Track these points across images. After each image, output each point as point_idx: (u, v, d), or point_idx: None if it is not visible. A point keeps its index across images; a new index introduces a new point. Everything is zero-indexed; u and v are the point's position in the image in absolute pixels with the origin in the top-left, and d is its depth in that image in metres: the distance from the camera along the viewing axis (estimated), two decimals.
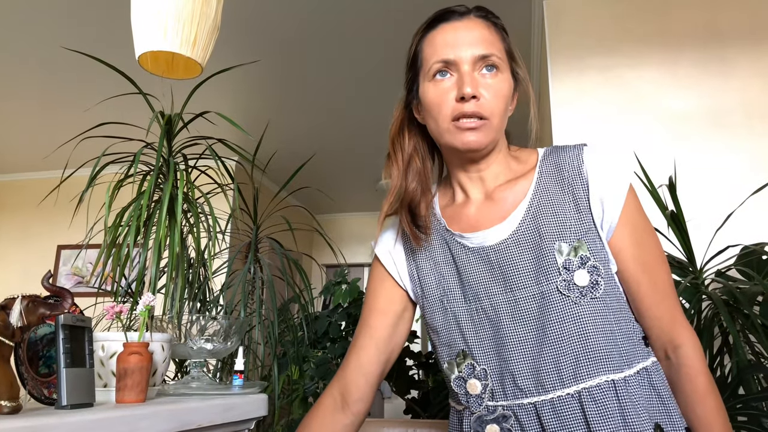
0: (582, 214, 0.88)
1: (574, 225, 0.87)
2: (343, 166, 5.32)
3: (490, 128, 0.89)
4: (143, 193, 1.71)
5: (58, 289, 1.02)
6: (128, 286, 1.98)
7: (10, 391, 0.89)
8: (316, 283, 3.01)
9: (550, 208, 0.89)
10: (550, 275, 0.85)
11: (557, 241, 0.86)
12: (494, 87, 0.88)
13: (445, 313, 0.94)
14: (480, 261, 0.91)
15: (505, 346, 0.86)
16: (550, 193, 0.90)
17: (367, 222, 6.90)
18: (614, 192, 0.88)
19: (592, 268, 0.85)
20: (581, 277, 0.84)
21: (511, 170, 0.96)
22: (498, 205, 0.93)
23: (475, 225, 0.94)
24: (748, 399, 1.44)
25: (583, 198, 0.88)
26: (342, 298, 2.82)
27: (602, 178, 0.88)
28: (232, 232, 2.31)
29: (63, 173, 1.81)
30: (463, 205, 0.97)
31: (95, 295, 1.94)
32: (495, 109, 0.88)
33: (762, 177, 2.13)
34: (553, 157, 0.93)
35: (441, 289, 0.95)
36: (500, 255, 0.89)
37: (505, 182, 0.95)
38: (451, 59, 0.88)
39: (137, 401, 1.08)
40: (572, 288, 0.84)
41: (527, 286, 0.87)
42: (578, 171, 0.89)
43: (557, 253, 0.86)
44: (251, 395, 1.44)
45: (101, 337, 1.17)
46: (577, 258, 0.85)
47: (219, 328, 1.45)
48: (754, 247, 1.76)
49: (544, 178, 0.92)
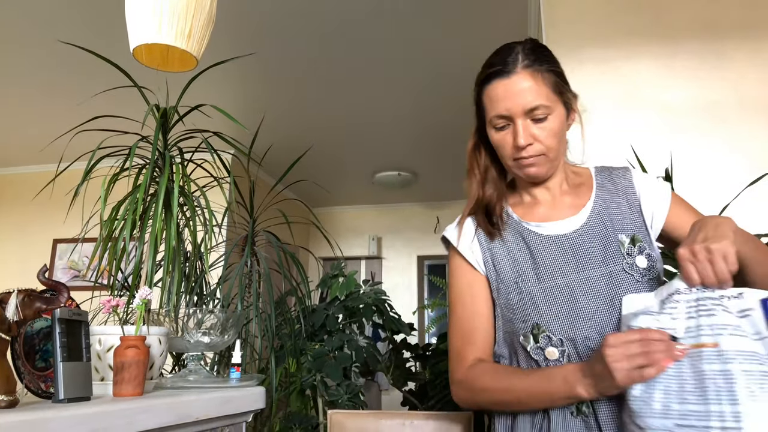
0: (634, 215, 1.10)
1: (629, 222, 1.09)
2: (339, 158, 5.31)
3: (547, 160, 1.08)
4: (139, 187, 1.70)
5: (54, 283, 1.02)
6: (125, 279, 1.97)
7: (7, 385, 0.89)
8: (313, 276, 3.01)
9: (610, 207, 1.11)
10: (616, 258, 1.05)
11: (618, 233, 1.07)
12: (546, 129, 1.05)
13: (520, 293, 1.08)
14: (554, 246, 1.09)
15: (579, 317, 1.02)
16: (610, 197, 1.12)
17: (363, 215, 6.90)
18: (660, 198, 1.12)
19: (648, 256, 1.06)
20: (641, 261, 1.05)
21: (571, 179, 1.17)
22: (566, 203, 1.13)
23: (548, 218, 1.13)
24: None
25: (635, 205, 1.11)
26: (339, 291, 2.82)
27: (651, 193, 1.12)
28: (229, 225, 2.31)
29: (58, 167, 1.81)
30: (532, 205, 1.16)
31: (92, 289, 1.94)
32: (550, 145, 1.06)
33: (757, 169, 2.13)
34: (606, 173, 1.16)
35: (516, 272, 1.10)
36: (573, 242, 1.08)
37: (568, 188, 1.15)
38: (506, 115, 1.05)
39: (134, 395, 1.08)
40: (635, 269, 1.04)
41: (595, 267, 1.05)
42: (630, 183, 1.13)
43: (620, 242, 1.06)
44: (249, 388, 1.44)
45: (98, 330, 1.17)
46: (636, 247, 1.06)
47: (216, 321, 1.45)
48: None
49: (603, 187, 1.14)
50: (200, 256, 1.90)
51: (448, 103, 4.03)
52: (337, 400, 2.42)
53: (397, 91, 3.91)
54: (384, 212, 6.84)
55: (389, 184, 5.77)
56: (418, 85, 3.83)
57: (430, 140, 4.76)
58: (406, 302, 6.36)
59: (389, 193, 6.26)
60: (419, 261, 6.62)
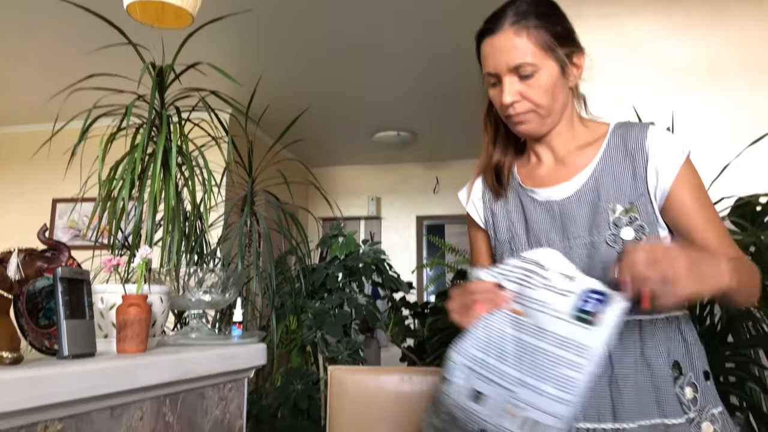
0: (638, 182, 1.02)
1: (630, 189, 1.02)
2: (338, 118, 5.26)
3: (538, 117, 1.04)
4: (137, 147, 1.69)
5: (54, 243, 1.02)
6: (125, 239, 1.98)
7: (11, 342, 0.90)
8: (313, 236, 3.03)
9: (612, 173, 1.04)
10: (601, 229, 1.01)
11: (612, 202, 1.02)
12: (533, 86, 1.02)
13: (512, 254, 1.09)
14: (545, 212, 1.08)
15: None
16: (614, 161, 1.05)
17: (363, 175, 6.88)
18: (669, 163, 1.01)
19: (639, 227, 1.00)
20: (627, 233, 0.99)
21: (580, 138, 1.10)
22: (567, 167, 1.09)
23: (545, 182, 1.10)
24: (737, 346, 1.47)
25: (641, 167, 1.02)
26: (339, 250, 2.84)
27: (660, 151, 1.02)
28: (228, 185, 2.31)
29: (54, 126, 1.79)
30: (536, 166, 1.14)
31: (92, 249, 1.94)
32: (539, 102, 1.03)
33: (760, 128, 2.12)
34: (621, 131, 1.07)
35: (510, 234, 1.12)
36: (563, 209, 1.06)
37: (575, 149, 1.09)
38: (493, 72, 1.04)
39: (138, 351, 1.10)
40: (618, 241, 0.99)
41: (581, 236, 1.03)
42: (641, 144, 1.04)
43: (610, 211, 1.01)
44: (250, 345, 1.46)
45: (100, 289, 1.18)
46: (626, 217, 1.01)
47: (217, 280, 1.46)
48: (748, 199, 1.77)
49: (611, 148, 1.06)
50: (200, 215, 1.90)
51: (448, 63, 3.97)
52: (337, 356, 2.47)
53: (397, 50, 3.85)
54: (383, 172, 6.82)
55: (388, 144, 5.73)
56: (418, 45, 3.77)
57: (429, 100, 4.71)
58: (405, 262, 6.40)
59: (388, 153, 6.23)
60: (418, 221, 6.63)
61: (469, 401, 0.88)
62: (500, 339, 0.89)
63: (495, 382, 0.87)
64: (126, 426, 1.04)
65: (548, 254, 0.95)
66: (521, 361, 0.86)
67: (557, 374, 0.84)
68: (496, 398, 0.86)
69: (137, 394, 1.06)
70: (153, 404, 1.12)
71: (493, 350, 0.89)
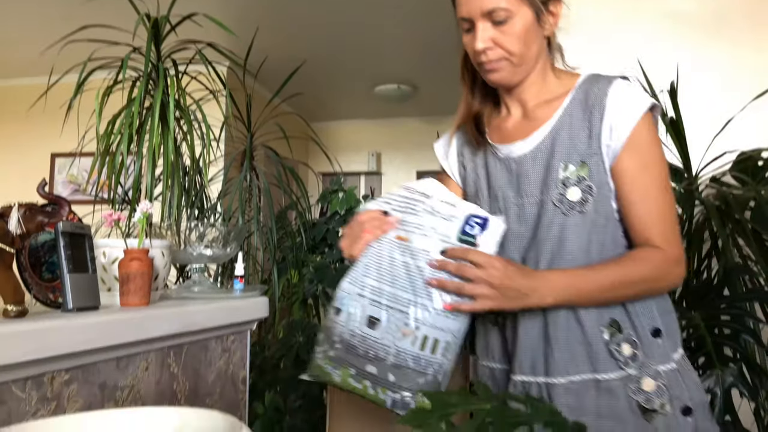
0: (592, 140, 0.98)
1: (583, 148, 0.99)
2: (338, 71, 5.18)
3: (510, 65, 1.01)
4: (134, 100, 1.67)
5: (54, 197, 1.02)
6: (125, 194, 1.98)
7: (15, 295, 0.91)
8: (313, 192, 3.03)
9: (569, 130, 1.00)
10: (551, 188, 0.99)
11: (564, 161, 0.99)
12: (507, 33, 0.98)
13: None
14: (503, 169, 1.06)
15: (507, 238, 1.01)
16: (573, 117, 1.01)
17: (364, 129, 6.82)
18: (624, 121, 0.96)
19: (587, 188, 0.98)
20: (573, 193, 0.98)
21: (550, 90, 1.06)
22: (530, 122, 1.06)
23: (507, 138, 1.07)
24: (733, 300, 1.49)
25: (597, 124, 0.98)
26: (339, 205, 2.84)
27: (618, 108, 0.97)
28: (227, 139, 2.29)
29: (49, 79, 1.76)
30: (504, 119, 1.10)
31: (92, 203, 1.95)
32: (512, 50, 0.99)
33: (764, 82, 2.08)
34: (587, 84, 1.02)
35: (475, 187, 1.12)
36: (519, 166, 1.04)
37: (543, 102, 1.05)
38: (466, 17, 1.01)
39: (141, 305, 1.11)
40: (564, 201, 0.98)
41: (532, 195, 1.01)
42: (602, 99, 0.99)
43: (561, 169, 0.99)
44: (253, 298, 1.48)
45: (102, 243, 1.19)
46: (575, 177, 0.98)
47: (218, 234, 1.47)
48: (750, 153, 1.75)
49: (573, 103, 1.02)
50: (199, 170, 1.89)
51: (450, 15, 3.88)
52: None
53: (399, 0, 3.76)
54: (383, 127, 6.76)
55: (389, 97, 5.66)
56: None
57: (431, 53, 4.62)
58: None
59: (389, 107, 6.16)
60: (418, 177, 6.60)
61: (365, 327, 0.91)
62: (390, 265, 0.92)
63: (389, 307, 0.90)
64: (132, 376, 1.07)
65: (430, 183, 0.99)
66: (413, 284, 0.90)
67: (448, 292, 0.90)
68: (393, 321, 0.89)
69: (142, 346, 1.08)
70: (158, 355, 1.15)
71: (385, 276, 0.92)
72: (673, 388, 0.95)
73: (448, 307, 0.89)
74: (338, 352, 0.93)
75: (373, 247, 0.94)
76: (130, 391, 1.06)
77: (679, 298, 1.64)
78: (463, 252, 0.90)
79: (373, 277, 0.93)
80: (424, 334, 0.89)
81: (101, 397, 0.98)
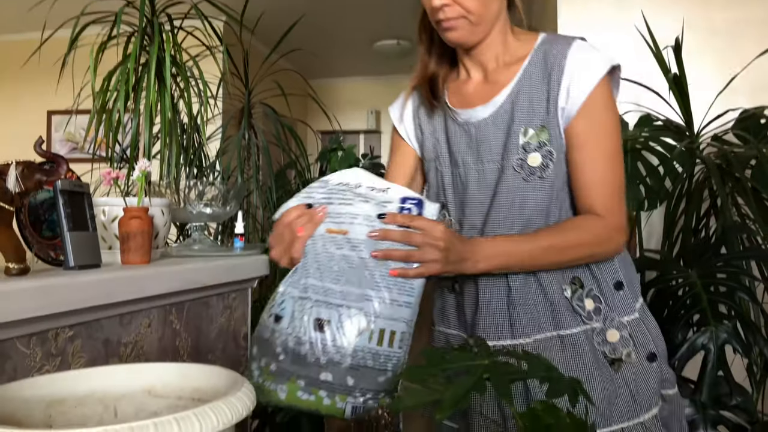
0: (550, 103, 0.97)
1: (542, 112, 0.97)
2: (337, 26, 5.08)
3: (468, 24, 0.96)
4: (129, 56, 1.64)
5: (52, 155, 1.01)
6: (123, 152, 1.97)
7: (16, 253, 0.91)
8: (312, 150, 3.00)
9: (528, 94, 0.98)
10: (511, 154, 0.98)
11: (524, 125, 0.98)
12: None
13: (436, 172, 1.09)
14: (464, 134, 1.04)
15: (468, 204, 1.03)
16: (532, 80, 0.99)
17: (363, 86, 6.74)
18: (581, 85, 0.95)
19: (547, 153, 0.97)
20: (534, 159, 0.97)
21: (510, 52, 1.03)
22: (490, 86, 1.03)
23: (468, 102, 1.04)
24: (730, 258, 1.50)
25: (555, 87, 0.96)
26: (338, 164, 2.82)
27: (575, 71, 0.96)
28: (224, 96, 2.26)
29: (42, 35, 1.73)
30: (464, 82, 1.07)
31: (90, 162, 1.94)
32: (470, 8, 0.95)
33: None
34: (546, 46, 1.00)
35: (435, 153, 1.09)
36: (479, 132, 1.02)
37: (504, 64, 1.02)
38: None
39: (142, 262, 1.12)
40: (524, 167, 0.97)
41: (493, 160, 1.00)
42: (560, 61, 0.97)
43: (522, 135, 0.98)
44: (253, 256, 1.49)
45: (101, 202, 1.19)
46: (536, 142, 0.97)
47: (217, 193, 1.46)
48: (753, 111, 1.74)
49: (533, 65, 0.99)
50: (197, 128, 1.88)
51: None
52: None
53: None
54: (382, 85, 6.66)
55: (388, 53, 5.57)
56: None
57: None
58: None
59: (388, 63, 6.06)
60: None
61: (313, 332, 0.83)
62: (330, 261, 0.86)
63: (338, 305, 0.84)
64: (135, 333, 1.08)
65: (354, 173, 0.92)
66: (360, 277, 0.85)
67: (396, 281, 0.85)
68: (344, 320, 0.83)
69: (144, 303, 1.09)
70: (160, 313, 1.16)
71: (327, 274, 0.86)
72: (638, 337, 0.98)
73: (395, 273, 0.85)
74: (282, 364, 0.84)
75: (307, 245, 0.88)
76: (133, 348, 1.08)
77: (676, 256, 1.65)
78: (405, 218, 0.86)
79: (315, 276, 0.86)
80: (380, 327, 0.84)
81: (105, 352, 1.00)
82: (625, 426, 0.94)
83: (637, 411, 0.95)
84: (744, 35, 2.14)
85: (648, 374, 0.97)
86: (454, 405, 0.56)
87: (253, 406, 0.59)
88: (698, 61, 2.13)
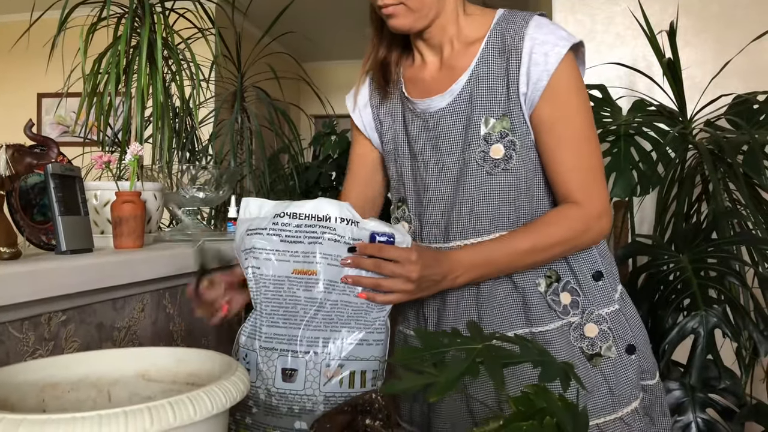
0: (510, 89, 0.92)
1: (503, 99, 0.92)
2: (330, 8, 5.04)
3: (408, 11, 0.91)
4: (119, 38, 1.62)
5: (42, 138, 1.00)
6: (114, 135, 1.95)
7: (8, 237, 0.91)
8: (305, 134, 2.98)
9: (487, 80, 0.93)
10: (472, 146, 0.93)
11: (485, 114, 0.93)
12: None
13: (395, 164, 1.05)
14: (422, 125, 0.99)
15: (428, 199, 0.98)
16: (491, 64, 0.93)
17: (356, 70, 6.60)
18: (542, 67, 0.89)
19: (509, 143, 0.92)
20: (496, 151, 0.92)
21: (465, 34, 0.97)
22: (448, 73, 0.97)
23: (426, 91, 0.99)
24: (721, 243, 1.51)
25: (515, 71, 0.91)
26: (332, 148, 2.81)
27: (534, 53, 0.90)
28: (216, 80, 2.24)
29: (31, 16, 1.70)
30: (420, 69, 1.02)
31: (82, 145, 1.92)
32: None
33: (766, 22, 2.05)
34: (503, 25, 0.94)
35: (394, 144, 1.04)
36: (437, 122, 0.97)
37: (460, 48, 0.97)
38: None
39: (135, 247, 1.12)
40: (487, 159, 0.93)
41: (453, 153, 0.95)
42: (518, 42, 0.91)
43: (483, 125, 0.93)
44: None
45: (93, 186, 1.18)
46: (497, 132, 0.92)
47: (210, 177, 1.46)
48: (746, 96, 1.74)
49: (489, 48, 0.94)
50: (189, 111, 1.86)
51: None
52: None
53: None
54: None
55: None
56: None
57: None
58: None
59: None
60: None
61: (281, 383, 0.82)
62: (295, 305, 0.84)
63: (305, 352, 0.82)
64: (128, 317, 1.08)
65: (321, 204, 0.88)
66: (327, 320, 0.83)
67: (366, 320, 0.84)
68: (312, 368, 0.82)
69: (137, 288, 1.09)
70: (153, 297, 1.16)
71: (292, 320, 0.84)
72: (617, 329, 0.94)
73: (362, 296, 0.84)
74: (256, 417, 0.83)
75: (269, 290, 0.85)
76: (126, 332, 1.08)
77: (667, 241, 1.66)
78: (375, 249, 0.84)
79: (279, 324, 0.84)
80: (351, 370, 0.82)
81: (98, 337, 1.00)
82: (601, 422, 0.91)
83: (615, 406, 0.92)
84: (738, 20, 2.14)
85: (627, 367, 0.94)
86: (448, 388, 0.56)
87: (247, 390, 0.60)
88: (693, 46, 2.13)
